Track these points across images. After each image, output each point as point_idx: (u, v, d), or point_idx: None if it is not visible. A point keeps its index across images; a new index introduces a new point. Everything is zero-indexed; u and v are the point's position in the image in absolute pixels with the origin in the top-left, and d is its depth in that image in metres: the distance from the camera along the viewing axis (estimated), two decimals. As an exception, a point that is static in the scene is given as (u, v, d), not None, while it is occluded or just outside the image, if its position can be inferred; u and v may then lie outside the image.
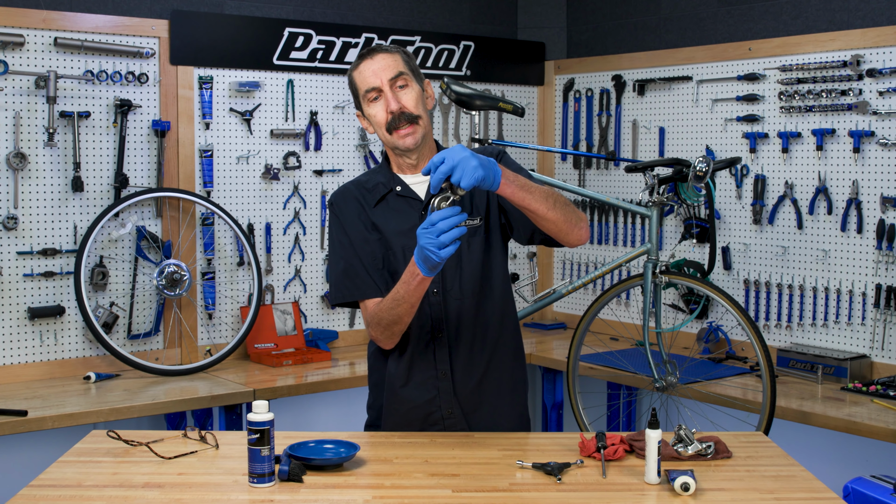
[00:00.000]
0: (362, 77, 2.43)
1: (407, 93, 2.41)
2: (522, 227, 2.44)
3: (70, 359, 3.65)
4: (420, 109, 2.42)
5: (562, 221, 2.28)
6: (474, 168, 2.07)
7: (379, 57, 2.42)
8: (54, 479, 2.15)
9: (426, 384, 2.48)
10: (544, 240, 2.43)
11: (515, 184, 2.18)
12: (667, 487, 2.10)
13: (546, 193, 2.24)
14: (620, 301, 4.47)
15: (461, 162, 2.08)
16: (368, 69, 2.41)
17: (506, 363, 2.54)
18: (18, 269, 3.53)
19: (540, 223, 2.29)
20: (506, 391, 2.55)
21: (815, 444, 3.59)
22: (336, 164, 4.22)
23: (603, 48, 4.62)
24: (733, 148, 4.03)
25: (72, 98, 3.60)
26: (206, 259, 3.91)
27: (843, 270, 3.70)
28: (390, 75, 2.40)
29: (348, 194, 2.53)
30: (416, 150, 2.44)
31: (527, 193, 2.20)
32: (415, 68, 2.47)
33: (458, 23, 4.63)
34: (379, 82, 2.40)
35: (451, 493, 2.07)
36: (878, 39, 3.56)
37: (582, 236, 2.36)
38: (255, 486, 2.10)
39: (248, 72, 4.00)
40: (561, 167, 4.78)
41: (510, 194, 2.18)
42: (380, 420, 2.56)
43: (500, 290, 2.51)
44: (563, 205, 2.28)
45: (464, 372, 2.48)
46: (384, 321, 2.38)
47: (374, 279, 2.45)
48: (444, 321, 2.45)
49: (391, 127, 2.40)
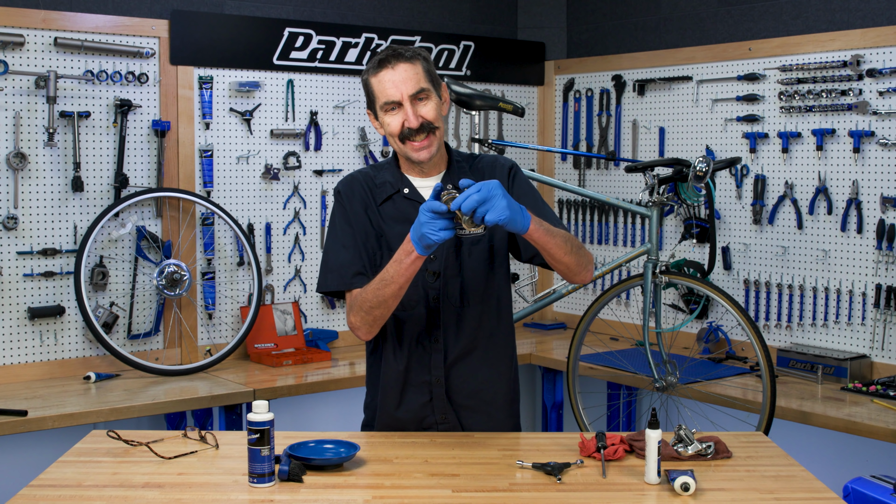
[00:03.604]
0: (382, 87, 2.37)
1: (427, 105, 2.38)
2: (526, 247, 2.47)
3: (70, 359, 3.65)
4: (439, 120, 2.40)
5: (573, 265, 2.37)
6: (502, 209, 2.13)
7: (401, 67, 2.35)
8: (54, 479, 2.15)
9: (420, 388, 2.47)
10: (543, 264, 2.47)
11: (542, 228, 2.25)
12: (667, 487, 2.10)
13: (565, 238, 2.32)
14: (620, 301, 4.47)
15: (493, 199, 2.12)
16: (389, 80, 2.35)
17: (502, 373, 2.54)
18: (18, 269, 3.53)
19: (553, 263, 2.37)
20: (501, 401, 2.54)
21: (815, 444, 3.59)
22: (336, 164, 4.22)
23: (603, 48, 4.62)
24: (733, 148, 4.03)
25: (72, 98, 3.60)
26: (206, 259, 3.91)
27: (843, 270, 3.70)
28: (411, 91, 2.35)
29: (356, 185, 2.49)
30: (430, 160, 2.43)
31: (550, 238, 2.28)
32: (434, 77, 2.42)
33: (458, 23, 4.63)
34: (399, 96, 2.35)
35: (451, 493, 2.07)
36: (878, 39, 3.56)
37: (586, 279, 2.46)
38: (255, 486, 2.10)
39: (248, 72, 4.00)
40: (561, 167, 4.78)
41: (537, 238, 2.26)
42: (376, 420, 2.56)
43: (500, 301, 2.51)
44: (577, 248, 2.37)
45: (459, 379, 2.47)
46: (367, 304, 2.33)
47: (369, 273, 2.41)
48: (441, 327, 2.45)
49: (405, 137, 2.37)
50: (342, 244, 2.44)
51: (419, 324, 2.44)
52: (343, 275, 2.42)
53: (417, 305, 2.44)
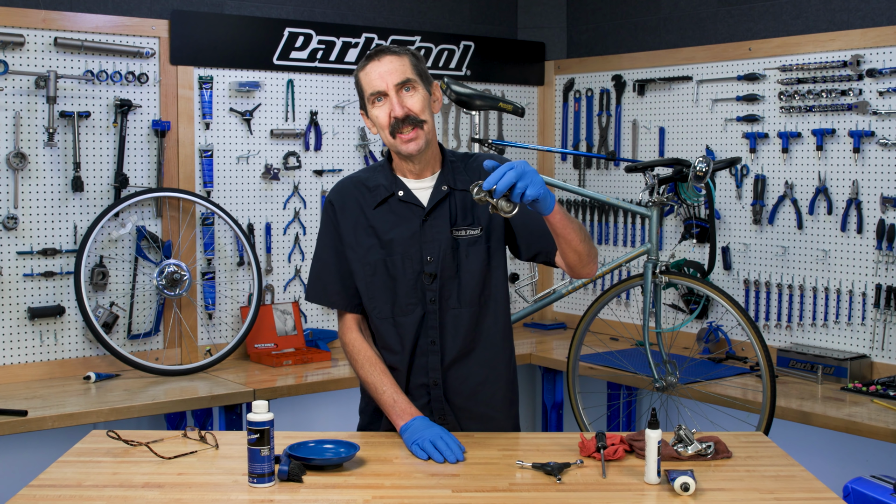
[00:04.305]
0: (368, 79, 2.39)
1: (413, 96, 2.38)
2: (530, 245, 2.47)
3: (70, 359, 3.65)
4: (426, 114, 2.39)
5: (585, 254, 2.37)
6: (540, 183, 2.15)
7: (387, 59, 2.37)
8: (54, 479, 2.15)
9: (418, 390, 2.47)
10: (547, 261, 2.48)
11: (562, 212, 2.27)
12: (667, 487, 2.10)
13: (579, 225, 2.34)
14: (620, 301, 4.47)
15: (529, 173, 2.13)
16: (375, 71, 2.37)
17: (500, 374, 2.53)
18: (18, 269, 3.53)
19: (566, 252, 2.36)
20: (499, 402, 2.54)
21: (815, 444, 3.59)
22: (336, 164, 4.22)
23: (603, 48, 4.62)
24: (733, 148, 4.03)
25: (72, 98, 3.60)
26: (206, 259, 3.91)
27: (843, 270, 3.70)
28: (397, 80, 2.36)
29: (347, 193, 2.50)
30: (419, 156, 2.42)
31: (569, 223, 2.29)
32: (423, 71, 2.43)
33: (458, 23, 4.63)
34: (385, 86, 2.36)
35: (451, 493, 2.07)
36: (878, 39, 3.56)
37: (593, 271, 2.46)
38: (254, 486, 2.10)
39: (248, 72, 4.00)
40: (561, 167, 4.78)
41: (557, 221, 2.26)
42: (372, 424, 2.56)
43: (498, 302, 2.50)
44: (589, 239, 2.38)
45: (457, 381, 2.47)
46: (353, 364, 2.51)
47: (347, 292, 2.49)
48: (438, 329, 2.45)
49: (394, 130, 2.38)
50: (323, 258, 2.52)
51: (416, 326, 2.44)
52: (319, 289, 2.53)
53: (415, 308, 2.44)
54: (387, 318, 2.46)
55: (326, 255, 2.51)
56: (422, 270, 2.43)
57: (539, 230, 2.42)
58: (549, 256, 2.46)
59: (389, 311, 2.46)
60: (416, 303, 2.44)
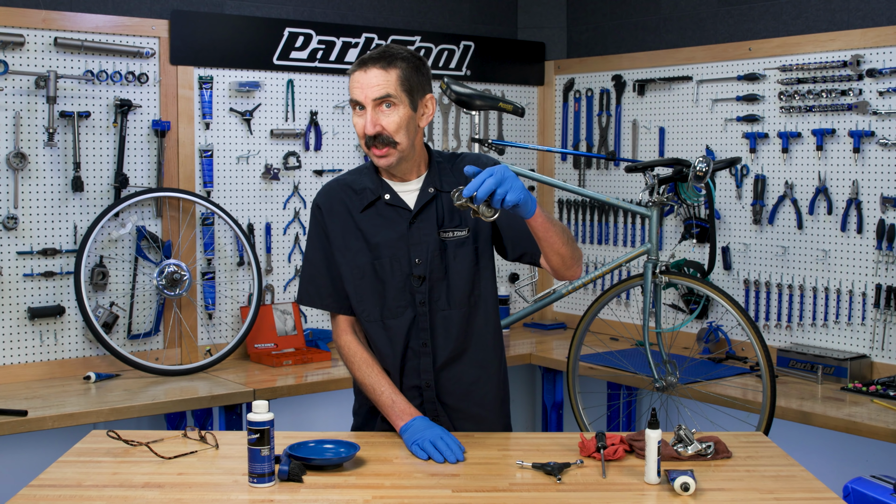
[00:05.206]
0: (351, 87, 2.37)
1: (390, 115, 2.33)
2: (515, 246, 2.48)
3: (70, 359, 3.65)
4: (401, 134, 2.34)
5: (568, 257, 2.38)
6: (520, 189, 2.16)
7: (372, 72, 2.32)
8: (54, 479, 2.15)
9: (411, 392, 2.47)
10: (532, 262, 2.49)
11: (545, 215, 2.28)
12: (667, 487, 2.10)
13: (562, 228, 2.35)
14: (620, 301, 4.47)
15: (508, 179, 2.14)
16: (357, 81, 2.34)
17: (492, 374, 2.54)
18: (18, 269, 3.53)
19: (549, 255, 2.37)
20: (491, 402, 2.55)
21: (815, 444, 3.59)
22: (336, 164, 4.22)
23: (603, 48, 4.62)
24: (733, 148, 4.03)
25: (72, 98, 3.60)
26: (206, 259, 3.91)
27: (843, 270, 3.70)
28: (375, 95, 2.31)
29: (334, 196, 2.50)
30: (396, 168, 2.42)
31: (551, 226, 2.30)
32: (413, 86, 2.35)
33: (458, 23, 4.63)
34: (363, 98, 2.33)
35: (451, 493, 2.07)
36: (878, 39, 3.56)
37: (577, 273, 2.47)
38: (254, 486, 2.10)
39: (248, 72, 4.00)
40: (561, 167, 4.78)
41: (539, 224, 2.28)
42: (366, 426, 2.56)
43: (487, 302, 2.50)
44: (572, 241, 2.39)
45: (449, 382, 2.48)
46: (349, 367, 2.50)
47: (339, 294, 2.49)
48: (429, 331, 2.45)
49: (368, 143, 2.38)
50: (315, 265, 2.51)
51: (406, 328, 2.45)
52: (311, 292, 2.52)
53: (404, 310, 2.44)
54: (376, 320, 2.46)
55: (316, 258, 2.50)
56: (410, 273, 2.43)
57: (523, 232, 2.43)
58: (533, 258, 2.47)
59: (378, 314, 2.46)
60: (406, 305, 2.44)
